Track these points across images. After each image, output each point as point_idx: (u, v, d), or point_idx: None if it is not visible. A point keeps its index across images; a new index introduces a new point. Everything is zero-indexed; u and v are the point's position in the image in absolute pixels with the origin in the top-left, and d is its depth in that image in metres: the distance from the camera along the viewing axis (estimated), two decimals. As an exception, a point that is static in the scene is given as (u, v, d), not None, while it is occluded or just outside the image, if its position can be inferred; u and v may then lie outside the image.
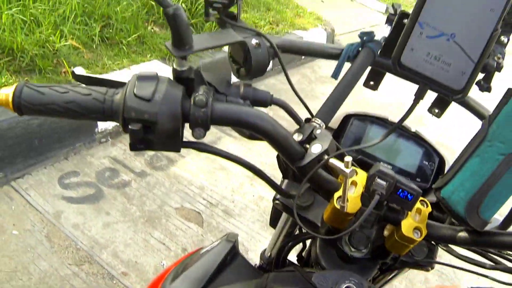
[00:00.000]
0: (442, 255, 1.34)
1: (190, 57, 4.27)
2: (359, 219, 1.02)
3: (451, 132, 5.87)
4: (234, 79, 1.20)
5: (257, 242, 3.61)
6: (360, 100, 6.22)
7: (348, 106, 1.32)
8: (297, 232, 1.62)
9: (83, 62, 4.40)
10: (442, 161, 1.42)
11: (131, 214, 3.57)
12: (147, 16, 5.48)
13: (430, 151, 1.40)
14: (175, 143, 0.94)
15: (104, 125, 4.21)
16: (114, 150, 4.16)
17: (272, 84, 6.21)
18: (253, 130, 0.98)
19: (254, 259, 1.82)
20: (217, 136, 4.75)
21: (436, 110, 1.42)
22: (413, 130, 1.42)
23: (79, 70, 0.97)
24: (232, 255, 1.26)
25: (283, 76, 1.21)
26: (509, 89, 0.93)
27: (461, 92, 1.01)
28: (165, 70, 4.78)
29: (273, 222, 1.73)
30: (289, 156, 1.02)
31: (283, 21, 7.71)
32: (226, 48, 1.21)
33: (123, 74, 4.50)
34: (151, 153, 4.25)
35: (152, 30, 5.36)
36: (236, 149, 4.56)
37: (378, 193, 0.99)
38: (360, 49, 1.27)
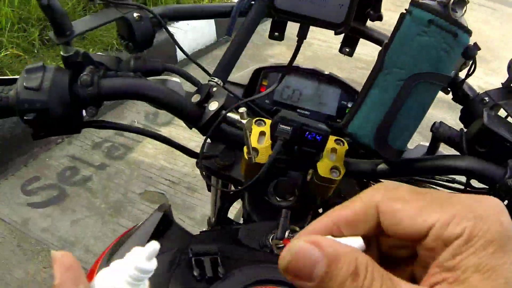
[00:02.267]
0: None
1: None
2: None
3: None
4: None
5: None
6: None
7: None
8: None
9: (26, 68, 4.34)
10: None
11: (97, 207, 3.58)
12: (84, 12, 5.42)
13: (347, 90, 1.41)
14: (72, 125, 0.97)
15: (57, 126, 4.16)
16: (71, 149, 4.14)
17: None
18: (144, 100, 1.01)
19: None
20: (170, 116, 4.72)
21: (347, 49, 1.45)
22: (326, 73, 1.42)
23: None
24: (166, 224, 1.28)
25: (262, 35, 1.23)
26: (401, 13, 0.95)
27: (343, 25, 1.03)
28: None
29: (209, 187, 1.76)
30: (188, 118, 1.06)
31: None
32: (169, 29, 1.24)
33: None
34: (108, 144, 4.26)
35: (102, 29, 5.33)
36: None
37: (281, 138, 1.02)
38: (253, 2, 1.28)
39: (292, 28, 1.25)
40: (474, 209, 0.43)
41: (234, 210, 2.06)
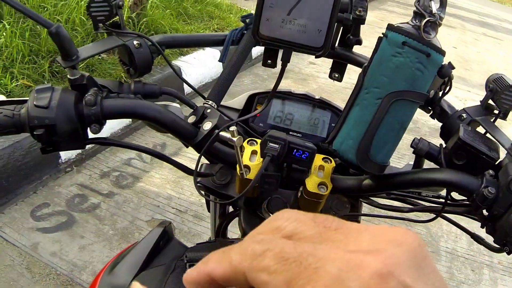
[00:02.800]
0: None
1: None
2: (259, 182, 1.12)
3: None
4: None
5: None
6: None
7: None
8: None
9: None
10: None
11: (105, 233, 3.63)
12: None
13: (336, 113, 1.47)
14: (78, 141, 1.06)
15: (67, 155, 4.26)
16: (80, 177, 4.21)
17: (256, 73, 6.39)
18: (141, 119, 1.09)
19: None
20: (177, 147, 4.82)
21: (336, 75, 1.53)
22: (317, 97, 1.48)
23: (0, 98, 1.08)
24: (166, 240, 1.33)
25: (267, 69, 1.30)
26: (379, 38, 1.02)
27: (322, 49, 1.08)
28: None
29: (209, 208, 1.82)
30: (184, 136, 1.13)
31: (228, 26, 7.78)
32: (175, 62, 1.32)
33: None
34: (116, 173, 4.33)
35: (100, 57, 5.41)
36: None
37: (269, 154, 1.08)
38: (245, 31, 1.37)
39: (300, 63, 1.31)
40: (347, 284, 0.39)
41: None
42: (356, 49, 1.48)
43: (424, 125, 6.34)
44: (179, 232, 3.73)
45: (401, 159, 4.92)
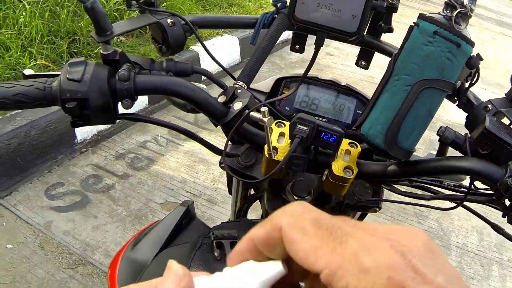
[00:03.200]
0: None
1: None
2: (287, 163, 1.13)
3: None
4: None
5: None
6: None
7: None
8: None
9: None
10: None
11: (118, 214, 3.66)
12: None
13: (362, 100, 1.47)
14: (109, 116, 1.07)
15: (82, 136, 4.29)
16: (95, 158, 4.23)
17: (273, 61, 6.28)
18: (174, 95, 1.10)
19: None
20: (194, 131, 4.77)
21: (363, 63, 1.54)
22: (343, 84, 1.49)
23: (28, 71, 1.09)
24: (188, 219, 1.35)
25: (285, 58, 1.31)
26: (410, 26, 1.03)
27: (355, 34, 1.09)
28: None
29: (231, 190, 1.83)
30: (214, 115, 1.14)
31: (247, 14, 7.72)
32: (193, 48, 1.34)
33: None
34: (131, 155, 4.35)
35: (118, 39, 5.41)
36: (214, 141, 4.60)
37: (298, 136, 1.09)
38: (275, 15, 1.38)
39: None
40: (361, 260, 0.42)
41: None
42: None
43: (438, 120, 6.32)
44: (193, 216, 3.71)
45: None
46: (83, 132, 4.31)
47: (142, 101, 5.01)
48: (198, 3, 7.27)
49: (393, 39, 1.38)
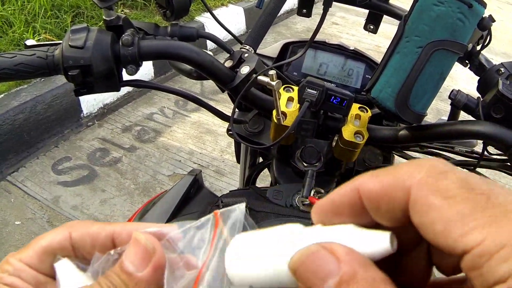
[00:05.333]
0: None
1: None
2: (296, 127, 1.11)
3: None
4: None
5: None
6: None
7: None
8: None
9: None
10: None
11: (126, 187, 3.65)
12: (116, -1, 5.47)
13: (371, 64, 1.45)
14: (113, 83, 1.04)
15: (88, 109, 4.28)
16: (101, 131, 4.22)
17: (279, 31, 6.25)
18: (179, 60, 1.07)
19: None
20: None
21: (371, 27, 1.51)
22: (351, 48, 1.46)
23: (30, 42, 1.06)
24: (196, 188, 1.33)
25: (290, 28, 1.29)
26: None
27: None
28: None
29: (239, 158, 1.82)
30: (220, 80, 1.11)
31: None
32: (198, 18, 1.31)
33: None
34: (138, 128, 4.34)
35: (123, 12, 5.38)
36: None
37: (308, 100, 1.07)
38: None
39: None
40: None
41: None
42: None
43: (446, 90, 6.28)
44: (201, 188, 3.70)
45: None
46: (89, 106, 4.29)
47: (147, 73, 4.98)
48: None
49: (401, 1, 1.35)
